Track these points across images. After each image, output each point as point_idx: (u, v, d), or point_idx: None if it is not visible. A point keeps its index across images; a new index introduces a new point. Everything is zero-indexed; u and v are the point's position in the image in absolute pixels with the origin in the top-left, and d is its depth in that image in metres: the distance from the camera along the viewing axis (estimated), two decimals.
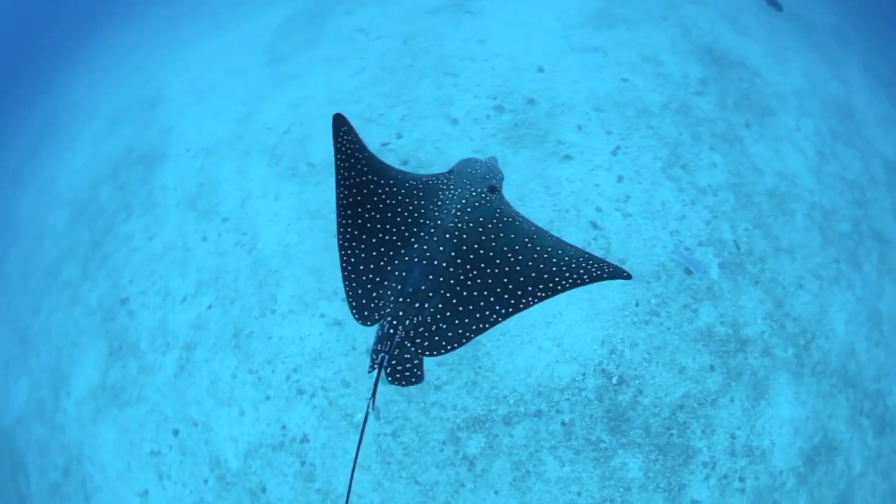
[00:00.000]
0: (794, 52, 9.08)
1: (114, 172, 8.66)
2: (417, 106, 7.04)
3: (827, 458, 5.75)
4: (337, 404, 5.56)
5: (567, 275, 3.08)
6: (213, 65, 9.92)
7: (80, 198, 8.85)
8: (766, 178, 7.01)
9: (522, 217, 3.47)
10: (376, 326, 3.18)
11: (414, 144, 6.73)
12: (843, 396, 6.01)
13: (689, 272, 6.01)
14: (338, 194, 3.42)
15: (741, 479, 5.36)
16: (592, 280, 3.08)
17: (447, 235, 3.25)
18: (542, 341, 5.59)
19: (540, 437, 5.30)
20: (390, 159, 6.53)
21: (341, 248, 3.30)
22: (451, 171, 3.72)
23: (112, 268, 7.46)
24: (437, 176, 3.65)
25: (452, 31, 8.27)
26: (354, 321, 3.30)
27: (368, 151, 3.64)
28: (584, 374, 5.48)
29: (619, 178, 6.45)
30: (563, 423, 5.33)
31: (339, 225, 3.36)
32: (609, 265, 3.09)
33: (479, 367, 5.49)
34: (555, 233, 6.06)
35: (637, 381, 5.51)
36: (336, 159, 3.49)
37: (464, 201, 3.44)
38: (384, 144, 6.73)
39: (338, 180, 3.45)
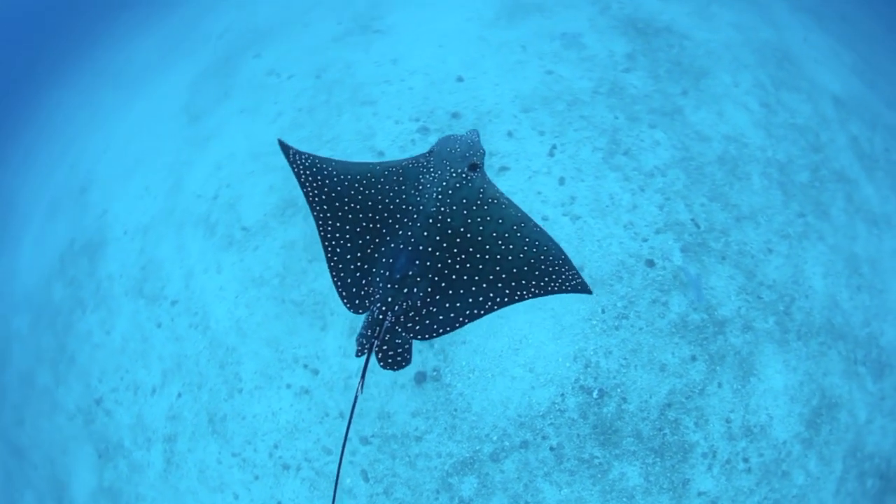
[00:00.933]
0: (719, 5, 8.87)
1: (61, 267, 8.51)
2: (341, 144, 6.80)
3: (829, 416, 5.67)
4: (324, 473, 5.45)
5: (556, 278, 3.13)
6: (135, 136, 9.67)
7: (36, 299, 8.71)
8: (714, 144, 6.82)
9: (507, 199, 3.45)
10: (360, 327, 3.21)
11: None
12: (835, 351, 5.91)
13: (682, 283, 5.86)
14: (307, 196, 3.44)
15: (745, 460, 5.28)
16: (563, 291, 3.15)
17: (430, 220, 3.26)
18: (513, 370, 5.42)
19: (531, 466, 5.18)
20: None
21: (324, 240, 3.33)
22: (430, 152, 3.70)
23: (80, 368, 7.36)
24: (416, 159, 3.65)
25: (363, 56, 8.03)
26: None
27: (335, 160, 3.66)
28: (562, 395, 5.33)
29: (561, 181, 6.23)
30: (551, 449, 5.20)
31: (317, 220, 3.38)
32: (578, 278, 3.16)
33: (455, 410, 5.35)
34: None
35: (619, 390, 5.35)
36: (296, 174, 3.52)
37: (444, 184, 3.42)
38: None
39: (303, 184, 3.48)
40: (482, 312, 3.08)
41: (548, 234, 3.31)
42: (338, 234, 3.36)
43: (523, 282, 3.10)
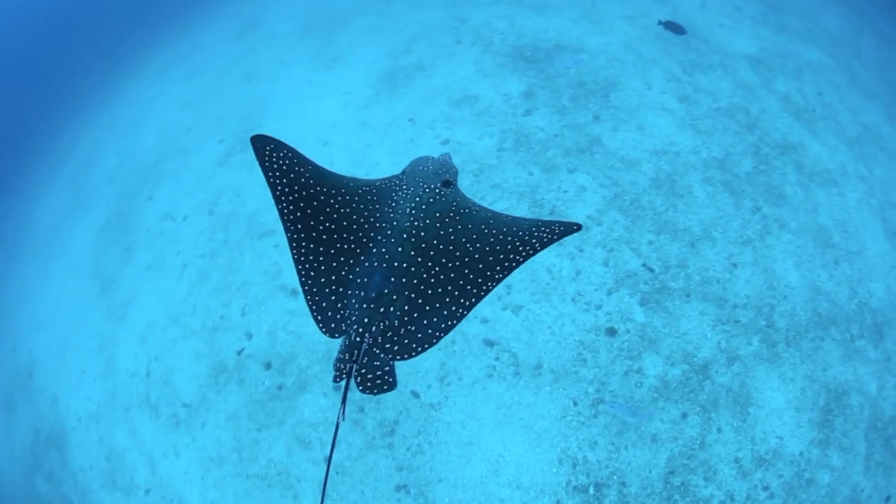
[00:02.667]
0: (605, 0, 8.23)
1: (36, 462, 8.21)
2: (251, 290, 6.46)
3: (840, 406, 5.41)
4: None
5: (520, 248, 3.08)
6: (57, 312, 9.33)
7: (27, 496, 8.39)
8: (644, 166, 6.48)
9: (480, 206, 3.42)
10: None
11: (268, 340, 6.20)
12: (829, 340, 5.67)
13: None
14: (280, 211, 3.34)
15: (765, 488, 4.99)
16: (543, 245, 3.07)
17: (404, 235, 3.23)
18: (499, 493, 5.04)
19: None
20: (252, 366, 6.14)
21: (297, 262, 3.24)
22: (403, 172, 3.67)
23: None
24: (389, 179, 3.60)
25: (249, 178, 7.66)
26: None
27: (312, 164, 3.54)
28: (558, 502, 4.96)
29: None
30: None
31: (291, 241, 3.27)
32: (557, 225, 3.07)
33: None
34: (451, 373, 5.45)
35: (615, 477, 5.00)
36: (269, 181, 3.39)
37: (417, 199, 3.38)
38: (240, 352, 6.24)
39: (276, 197, 3.35)
40: (455, 322, 3.03)
41: (521, 218, 3.23)
42: (311, 256, 3.28)
43: (488, 273, 3.05)
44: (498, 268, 3.08)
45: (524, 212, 6.15)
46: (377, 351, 3.04)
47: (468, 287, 3.09)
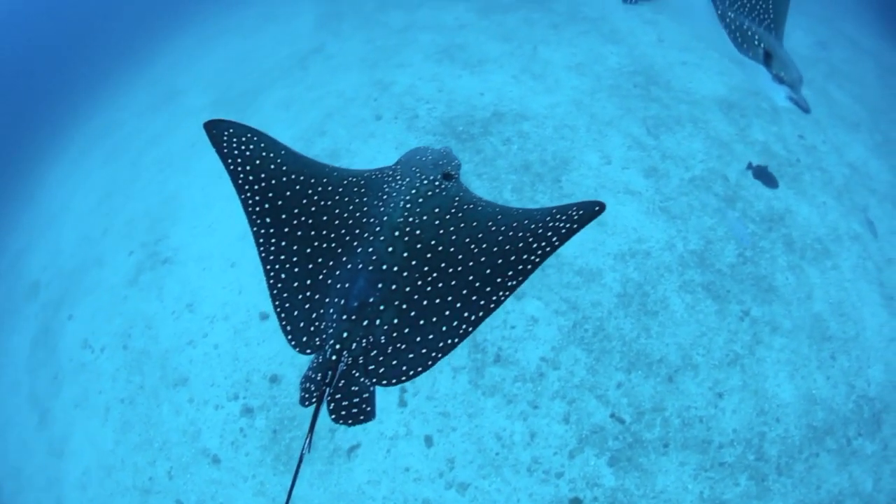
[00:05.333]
0: (548, 46, 7.30)
1: None
2: (174, 450, 5.86)
3: None
4: None
5: (534, 245, 2.73)
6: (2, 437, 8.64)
7: None
8: (608, 278, 5.75)
9: (487, 201, 3.12)
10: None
11: None
12: (823, 453, 5.28)
13: None
14: (244, 203, 3.04)
15: None
16: (563, 239, 2.71)
17: (396, 233, 2.90)
18: None
19: None
20: None
21: (265, 262, 2.94)
22: (397, 163, 3.39)
23: None
24: (380, 170, 3.31)
25: (159, 305, 6.98)
26: None
27: (285, 149, 3.21)
28: None
29: (427, 440, 5.16)
30: None
31: (257, 237, 2.98)
32: (574, 209, 2.75)
33: None
34: None
35: None
36: (228, 169, 3.08)
37: (414, 191, 3.08)
38: None
39: (238, 187, 3.06)
40: (458, 340, 2.66)
41: (533, 210, 2.95)
42: (282, 255, 2.95)
43: (499, 280, 2.70)
44: (511, 272, 2.72)
45: (463, 362, 5.40)
46: (356, 373, 2.67)
47: (474, 297, 2.72)
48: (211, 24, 13.68)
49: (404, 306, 2.73)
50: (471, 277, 2.76)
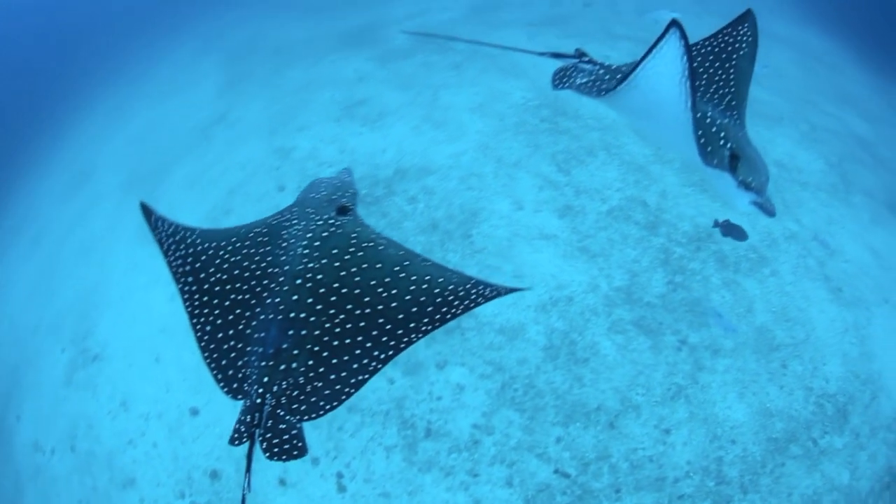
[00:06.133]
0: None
1: None
2: None
3: None
4: None
5: (454, 301, 2.95)
6: None
7: None
8: (531, 332, 5.68)
9: (386, 239, 3.30)
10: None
11: None
12: (790, 461, 5.27)
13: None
14: (171, 267, 3.35)
15: None
16: (486, 300, 2.96)
17: (298, 281, 3.08)
18: None
19: None
20: None
21: (191, 319, 3.18)
22: (295, 203, 3.62)
23: None
24: (281, 213, 3.55)
25: (96, 405, 6.88)
26: None
27: (199, 230, 3.52)
28: None
29: None
30: None
31: (183, 299, 3.24)
32: (500, 287, 3.00)
33: None
34: None
35: None
36: (159, 243, 3.41)
37: (310, 234, 3.27)
38: None
39: (166, 254, 3.39)
40: (367, 376, 2.88)
41: (442, 266, 3.14)
42: (206, 311, 3.21)
43: (412, 324, 2.92)
44: (426, 319, 2.94)
45: (394, 438, 5.33)
46: (281, 412, 2.88)
47: (383, 339, 2.92)
48: (121, 95, 13.88)
49: (316, 349, 2.93)
50: (381, 320, 2.95)
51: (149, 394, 6.69)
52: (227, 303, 3.21)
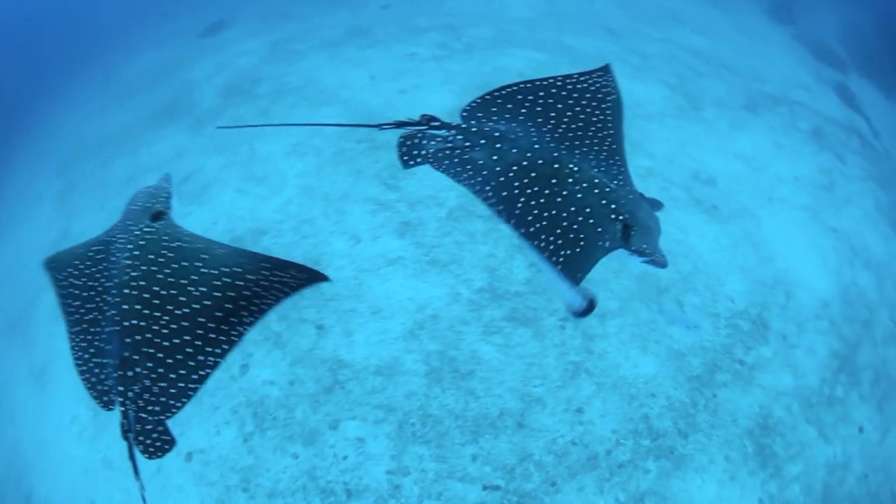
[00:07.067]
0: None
1: None
2: None
3: (769, 433, 5.37)
4: None
5: (263, 293, 3.24)
6: None
7: None
8: (407, 363, 5.61)
9: (190, 235, 3.56)
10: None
11: None
12: (721, 389, 5.45)
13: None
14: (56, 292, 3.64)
15: None
16: (293, 289, 3.27)
17: (126, 290, 3.30)
18: None
19: None
20: None
21: (70, 341, 3.48)
22: (121, 216, 3.81)
23: None
24: (111, 228, 3.73)
25: None
26: None
27: (53, 255, 3.84)
28: None
29: None
30: None
31: (66, 321, 3.53)
32: (303, 269, 3.28)
33: None
34: None
35: None
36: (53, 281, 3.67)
37: (130, 246, 3.48)
38: None
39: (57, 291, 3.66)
40: (210, 371, 3.11)
41: (241, 250, 3.45)
42: (73, 331, 3.48)
43: (233, 319, 3.17)
44: (244, 313, 3.20)
45: None
46: (144, 415, 3.11)
47: (212, 336, 3.17)
48: None
49: (151, 351, 3.14)
50: (202, 319, 3.20)
51: None
52: (84, 324, 3.45)
